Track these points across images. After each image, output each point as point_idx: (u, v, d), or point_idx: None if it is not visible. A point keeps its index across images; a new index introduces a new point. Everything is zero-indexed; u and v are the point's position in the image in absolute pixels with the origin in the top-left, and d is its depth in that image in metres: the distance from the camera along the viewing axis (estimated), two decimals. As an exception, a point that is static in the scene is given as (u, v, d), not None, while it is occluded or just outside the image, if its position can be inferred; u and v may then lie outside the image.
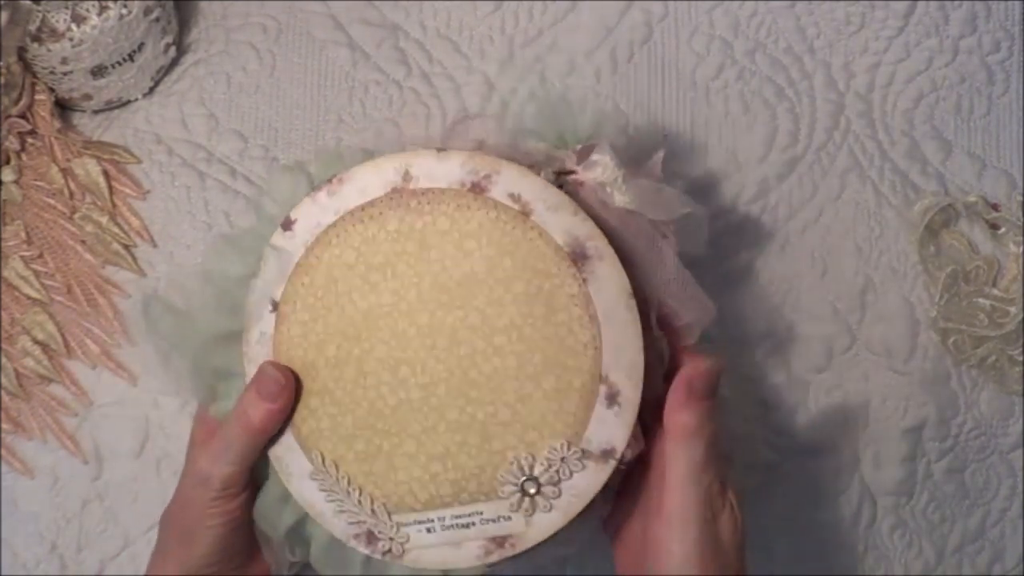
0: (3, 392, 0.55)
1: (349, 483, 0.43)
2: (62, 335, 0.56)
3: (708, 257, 0.57)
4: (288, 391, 0.43)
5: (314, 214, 0.44)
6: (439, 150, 0.43)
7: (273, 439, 0.44)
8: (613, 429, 0.42)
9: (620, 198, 0.44)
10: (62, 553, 0.54)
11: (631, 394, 0.42)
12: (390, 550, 0.43)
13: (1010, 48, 0.61)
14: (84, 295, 0.56)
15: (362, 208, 0.43)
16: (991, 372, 0.56)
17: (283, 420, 0.44)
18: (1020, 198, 0.58)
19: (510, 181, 0.43)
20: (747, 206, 0.58)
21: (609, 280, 0.42)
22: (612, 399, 0.42)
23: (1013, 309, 0.55)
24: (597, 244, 0.42)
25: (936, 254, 0.57)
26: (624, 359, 0.42)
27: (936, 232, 0.57)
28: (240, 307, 0.44)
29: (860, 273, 0.57)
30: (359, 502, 0.43)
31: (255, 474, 0.45)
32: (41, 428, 0.55)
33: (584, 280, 0.42)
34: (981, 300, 0.56)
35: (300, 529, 0.45)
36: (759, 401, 0.56)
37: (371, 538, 0.43)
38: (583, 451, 0.42)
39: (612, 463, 0.42)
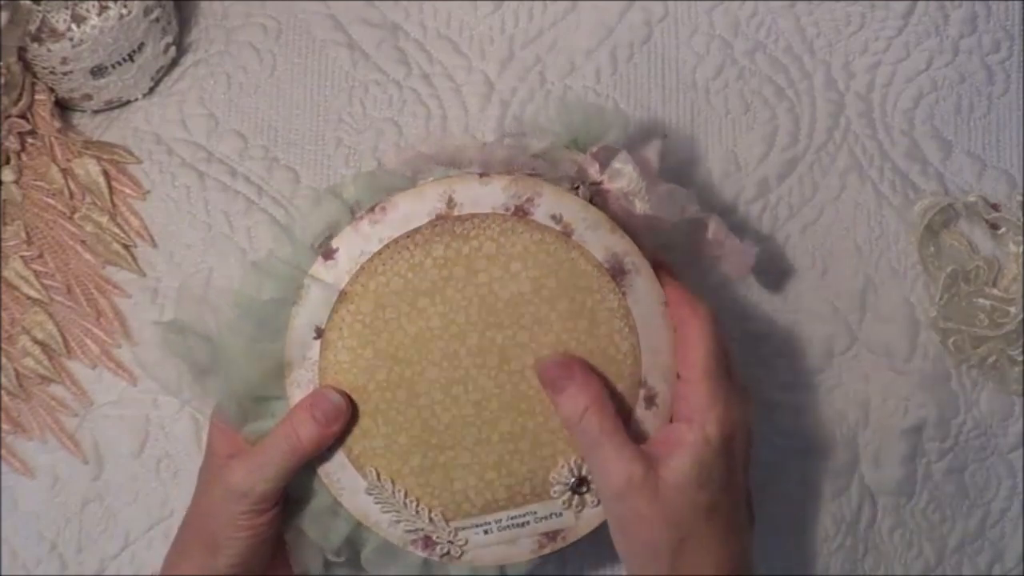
0: (3, 392, 0.55)
1: (406, 496, 0.45)
2: (62, 335, 0.56)
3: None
4: (344, 416, 0.44)
5: (357, 243, 0.44)
6: (481, 175, 0.44)
7: (322, 457, 0.45)
8: (650, 428, 0.45)
9: (641, 205, 0.46)
10: (62, 553, 0.54)
11: (666, 395, 0.45)
12: (448, 552, 0.46)
13: (1010, 48, 0.61)
14: (84, 295, 0.56)
15: (407, 236, 0.44)
16: (991, 372, 0.56)
17: (331, 443, 0.45)
18: (1020, 198, 0.58)
19: (551, 203, 0.44)
20: (747, 206, 0.58)
21: (646, 292, 0.45)
22: (650, 401, 0.45)
23: (1013, 309, 0.55)
24: (634, 259, 0.45)
25: (936, 254, 0.57)
26: (659, 363, 0.45)
27: (936, 232, 0.57)
28: (277, 330, 0.45)
29: (860, 273, 0.57)
30: (416, 512, 0.45)
31: (291, 489, 0.46)
32: (41, 428, 0.55)
33: (623, 293, 0.45)
34: (981, 300, 0.56)
35: (351, 537, 0.46)
36: (759, 401, 0.56)
37: (428, 543, 0.46)
38: None
39: None
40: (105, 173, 0.57)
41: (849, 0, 0.61)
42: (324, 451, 0.45)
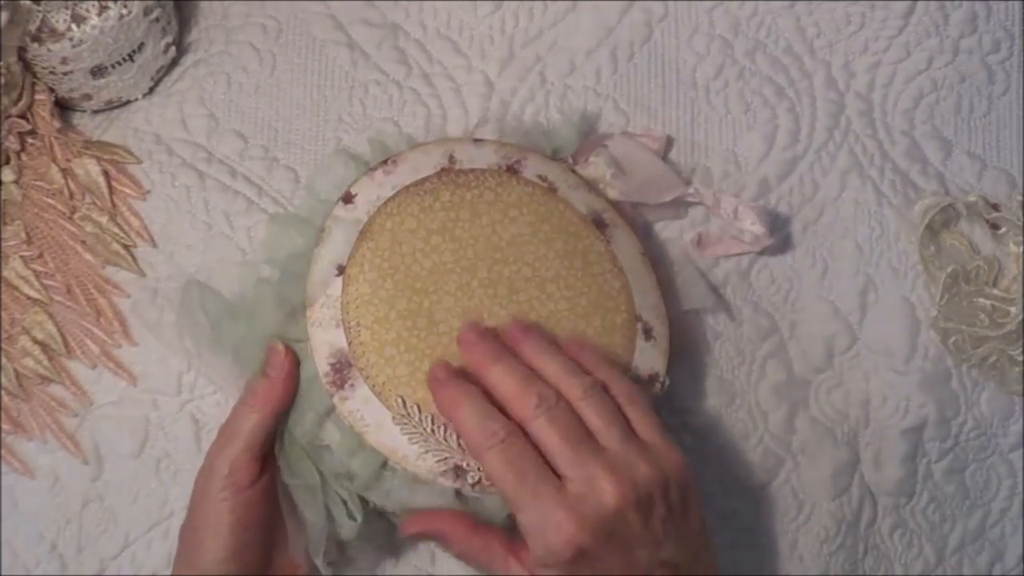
0: (3, 392, 0.55)
1: (433, 421, 0.46)
2: (62, 335, 0.56)
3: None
4: (290, 362, 0.46)
5: (373, 189, 0.50)
6: (476, 140, 0.52)
7: (346, 396, 0.46)
8: (653, 358, 0.49)
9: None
10: (62, 553, 0.54)
11: (661, 329, 0.50)
12: (479, 480, 0.45)
13: (1010, 48, 0.61)
14: (84, 295, 0.56)
15: (416, 184, 0.50)
16: (991, 372, 0.56)
17: (288, 395, 0.46)
18: (1020, 198, 0.58)
19: (537, 165, 0.52)
20: (747, 206, 0.58)
21: (625, 242, 0.51)
22: (648, 333, 0.50)
23: (1013, 309, 0.55)
24: (611, 215, 0.52)
25: (936, 254, 0.57)
26: (649, 302, 0.50)
27: (936, 232, 0.57)
28: (298, 278, 0.48)
29: (860, 273, 0.57)
30: (444, 439, 0.46)
31: (293, 471, 0.46)
32: (41, 428, 0.55)
33: (607, 240, 0.51)
34: (981, 300, 0.56)
35: (375, 482, 0.47)
36: (759, 401, 0.56)
37: (459, 472, 0.46)
38: (635, 377, 0.48)
39: (657, 385, 0.49)
40: (105, 173, 0.57)
41: (849, 0, 0.61)
42: (347, 391, 0.46)
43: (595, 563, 0.40)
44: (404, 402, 0.46)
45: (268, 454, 0.47)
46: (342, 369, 0.47)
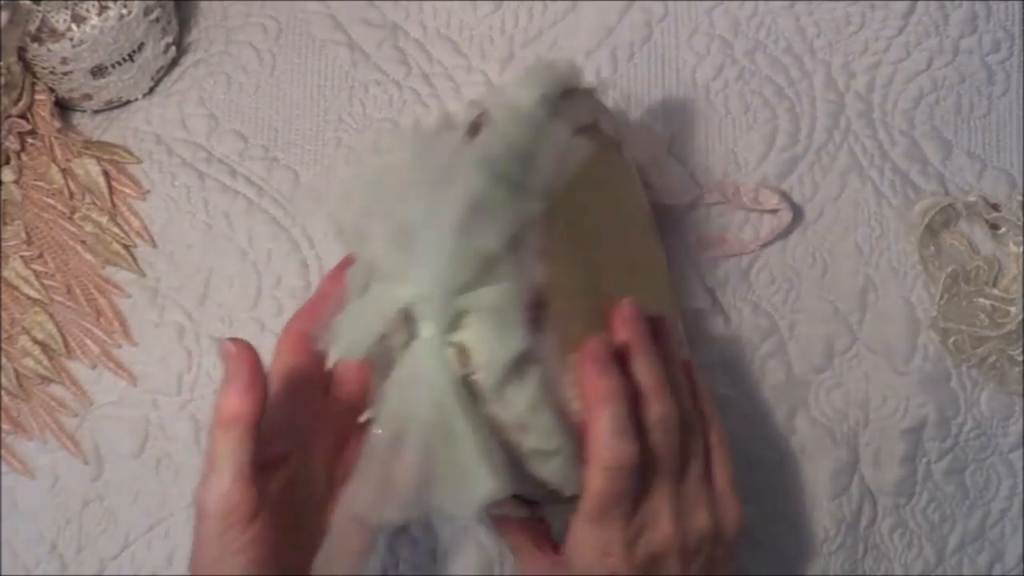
0: (3, 392, 0.55)
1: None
2: (62, 335, 0.56)
3: (708, 257, 0.57)
4: (250, 361, 0.39)
5: None
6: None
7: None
8: None
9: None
10: (62, 553, 0.54)
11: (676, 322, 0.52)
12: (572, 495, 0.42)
13: (1010, 48, 0.61)
14: (84, 295, 0.56)
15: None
16: (991, 372, 0.56)
17: (261, 401, 0.38)
18: (1020, 198, 0.58)
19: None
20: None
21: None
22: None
23: (1013, 309, 0.55)
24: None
25: (936, 254, 0.57)
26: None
27: (936, 232, 0.57)
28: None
29: (860, 273, 0.57)
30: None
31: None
32: (41, 428, 0.55)
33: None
34: (981, 300, 0.56)
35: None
36: (759, 401, 0.56)
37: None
38: None
39: None
40: (105, 173, 0.57)
41: (849, 0, 0.61)
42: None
43: None
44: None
45: (268, 462, 0.40)
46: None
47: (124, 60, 0.57)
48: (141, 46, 0.57)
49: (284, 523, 0.39)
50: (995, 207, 0.57)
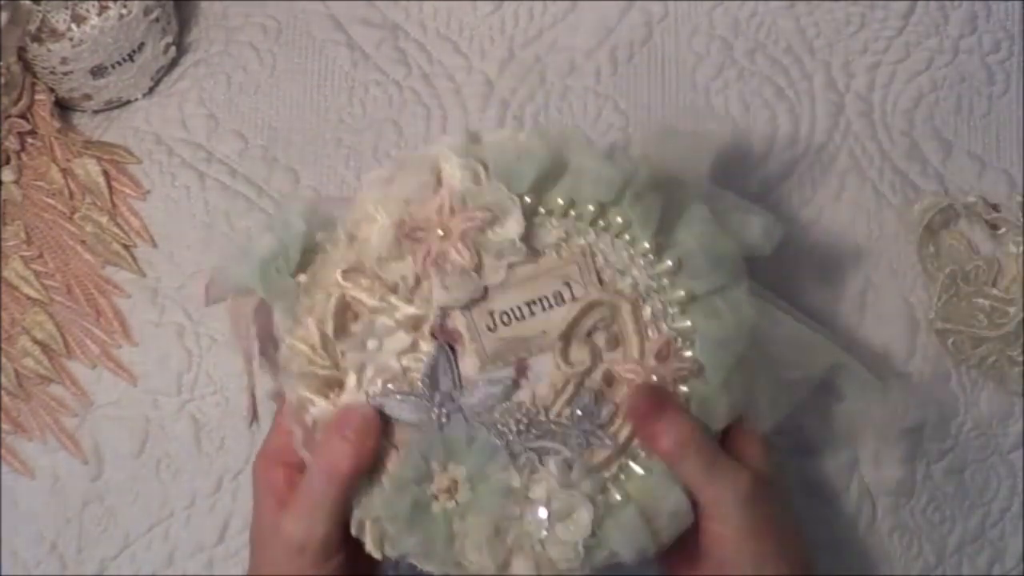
0: (3, 392, 0.55)
1: None
2: (62, 335, 0.56)
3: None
4: (376, 427, 0.42)
5: None
6: None
7: None
8: None
9: None
10: (62, 553, 0.54)
11: None
12: None
13: (1010, 48, 0.61)
14: (84, 295, 0.56)
15: None
16: (991, 372, 0.56)
17: (369, 461, 0.42)
18: (1020, 198, 0.58)
19: None
20: (747, 206, 0.58)
21: None
22: None
23: (1013, 309, 0.55)
24: None
25: (935, 254, 0.57)
26: None
27: (936, 232, 0.57)
28: None
29: (860, 273, 0.57)
30: None
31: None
32: (41, 428, 0.55)
33: None
34: (980, 300, 0.56)
35: None
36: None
37: None
38: None
39: None
40: (105, 173, 0.57)
41: (849, 0, 0.61)
42: None
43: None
44: None
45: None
46: None
47: (124, 60, 0.57)
48: (141, 46, 0.57)
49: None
50: (995, 207, 0.57)
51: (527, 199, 0.42)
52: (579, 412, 0.42)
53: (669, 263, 0.42)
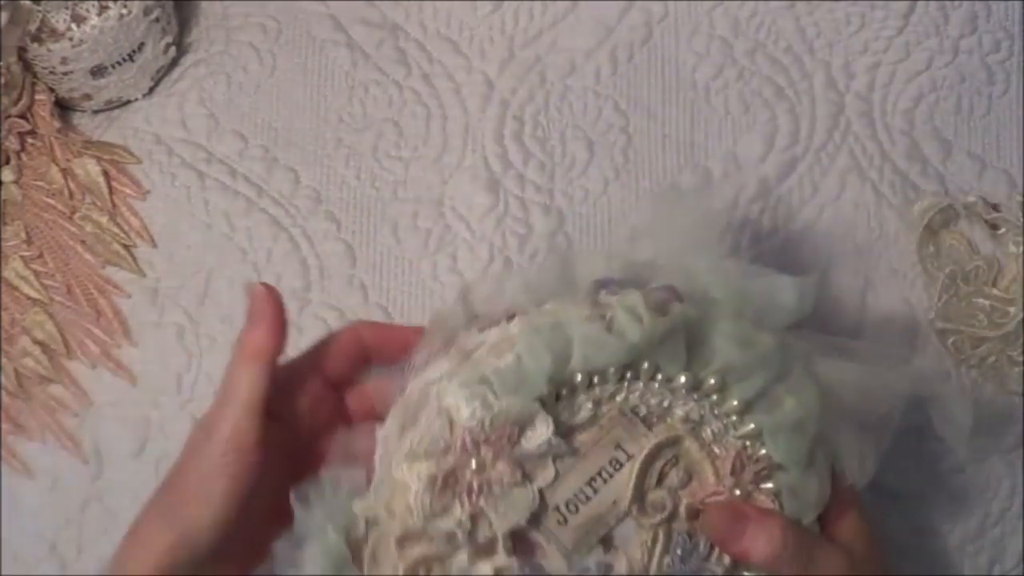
0: (3, 392, 0.55)
1: None
2: (62, 335, 0.56)
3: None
4: (273, 302, 0.41)
5: None
6: None
7: None
8: None
9: None
10: (62, 553, 0.54)
11: None
12: None
13: (1010, 48, 0.61)
14: (84, 295, 0.56)
15: None
16: (991, 373, 0.56)
17: (281, 340, 0.41)
18: (1020, 198, 0.58)
19: None
20: (747, 206, 0.58)
21: None
22: None
23: (1013, 309, 0.55)
24: None
25: (936, 254, 0.57)
26: None
27: (936, 232, 0.57)
28: None
29: (860, 273, 0.57)
30: None
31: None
32: (41, 428, 0.55)
33: None
34: (980, 300, 0.56)
35: None
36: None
37: None
38: None
39: None
40: (105, 173, 0.57)
41: (849, 0, 0.61)
42: None
43: None
44: None
45: (274, 411, 0.42)
46: None
47: (124, 60, 0.57)
48: (141, 46, 0.57)
49: (256, 483, 0.41)
50: (995, 207, 0.57)
51: (543, 393, 0.39)
52: (679, 554, 0.41)
53: (712, 381, 0.40)
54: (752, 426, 0.41)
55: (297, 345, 0.55)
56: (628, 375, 0.40)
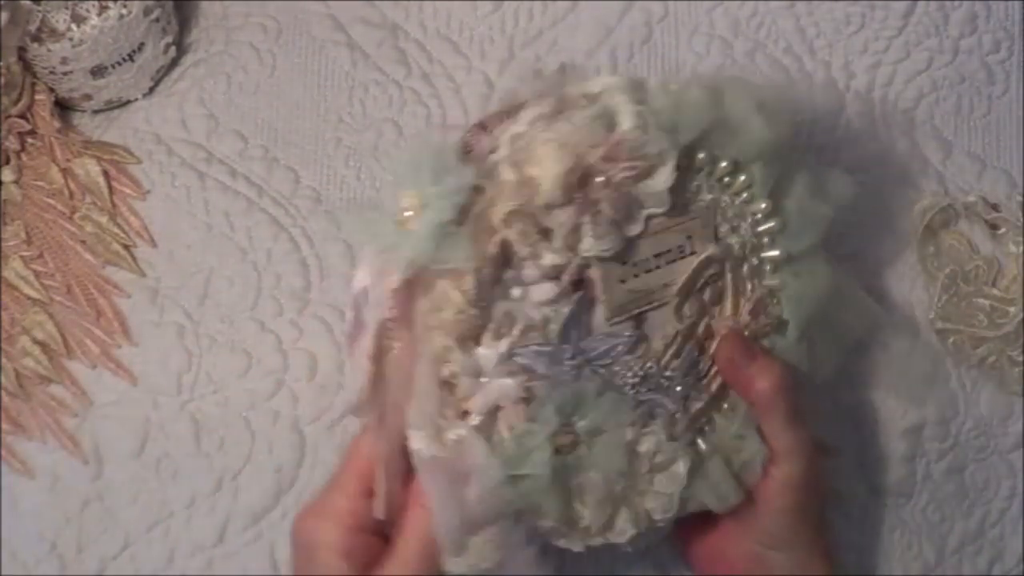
0: (3, 392, 0.55)
1: None
2: (62, 335, 0.56)
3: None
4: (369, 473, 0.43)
5: None
6: None
7: None
8: None
9: None
10: (62, 553, 0.54)
11: None
12: None
13: (1010, 48, 0.61)
14: (84, 295, 0.56)
15: None
16: (991, 372, 0.56)
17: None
18: (1020, 198, 0.58)
19: None
20: (747, 206, 0.58)
21: None
22: None
23: (1013, 309, 0.55)
24: None
25: (936, 254, 0.57)
26: None
27: (936, 232, 0.57)
28: None
29: (860, 273, 0.57)
30: None
31: None
32: (41, 428, 0.55)
33: None
34: (980, 300, 0.56)
35: None
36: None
37: None
38: None
39: None
40: (105, 173, 0.57)
41: (849, 0, 0.61)
42: None
43: None
44: None
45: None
46: None
47: (124, 60, 0.57)
48: (141, 46, 0.57)
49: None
50: (995, 207, 0.57)
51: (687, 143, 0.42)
52: (686, 365, 0.43)
53: (773, 223, 0.43)
54: (776, 282, 0.44)
55: (295, 345, 0.55)
56: (727, 180, 0.43)
